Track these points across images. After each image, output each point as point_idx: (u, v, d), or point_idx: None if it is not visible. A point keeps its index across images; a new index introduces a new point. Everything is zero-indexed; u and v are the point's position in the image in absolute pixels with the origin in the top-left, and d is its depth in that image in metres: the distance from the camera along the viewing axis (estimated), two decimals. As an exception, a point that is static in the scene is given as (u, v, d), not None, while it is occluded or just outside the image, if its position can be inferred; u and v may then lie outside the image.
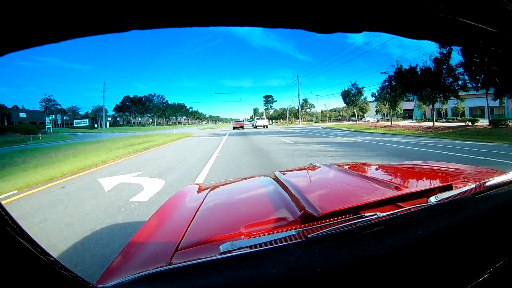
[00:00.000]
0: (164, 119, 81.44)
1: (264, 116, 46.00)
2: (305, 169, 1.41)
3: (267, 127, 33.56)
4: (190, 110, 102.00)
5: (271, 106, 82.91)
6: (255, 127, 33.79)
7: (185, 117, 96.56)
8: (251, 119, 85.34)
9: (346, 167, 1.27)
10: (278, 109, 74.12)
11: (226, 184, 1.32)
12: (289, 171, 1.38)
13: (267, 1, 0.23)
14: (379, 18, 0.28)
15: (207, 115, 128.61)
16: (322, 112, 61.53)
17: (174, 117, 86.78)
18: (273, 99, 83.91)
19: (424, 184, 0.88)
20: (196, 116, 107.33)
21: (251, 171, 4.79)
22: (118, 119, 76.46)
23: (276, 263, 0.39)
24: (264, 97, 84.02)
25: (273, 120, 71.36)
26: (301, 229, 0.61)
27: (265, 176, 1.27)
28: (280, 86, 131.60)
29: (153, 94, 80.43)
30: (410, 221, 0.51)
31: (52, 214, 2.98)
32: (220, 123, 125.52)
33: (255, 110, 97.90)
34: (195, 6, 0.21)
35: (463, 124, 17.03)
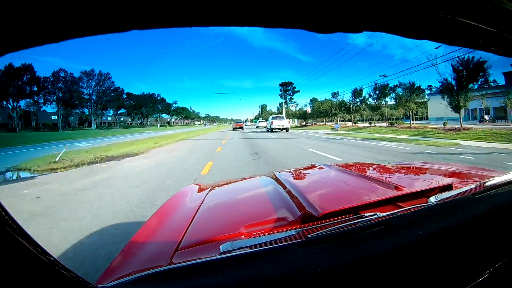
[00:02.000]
0: (112, 116, 53.12)
1: (283, 115, 29.91)
2: (305, 169, 1.41)
3: (287, 130, 22.37)
4: (174, 106, 73.10)
5: (290, 99, 55.69)
6: (271, 130, 22.29)
7: (165, 115, 69.00)
8: (256, 119, 62.93)
9: (346, 167, 1.27)
10: (323, 100, 40.28)
11: (226, 184, 1.32)
12: (289, 171, 1.38)
13: (267, 1, 0.23)
14: (379, 18, 0.28)
15: (201, 114, 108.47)
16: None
17: (140, 115, 56.86)
18: (294, 87, 55.98)
19: (424, 184, 0.88)
20: (184, 114, 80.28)
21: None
22: (110, 118, 52.57)
23: (276, 263, 0.39)
24: (280, 85, 56.72)
25: (295, 120, 46.12)
26: (301, 229, 0.61)
27: (265, 176, 1.27)
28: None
29: (89, 71, 48.12)
30: (410, 221, 0.51)
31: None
32: (217, 124, 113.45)
33: (263, 107, 74.21)
34: (195, 6, 0.21)
35: None
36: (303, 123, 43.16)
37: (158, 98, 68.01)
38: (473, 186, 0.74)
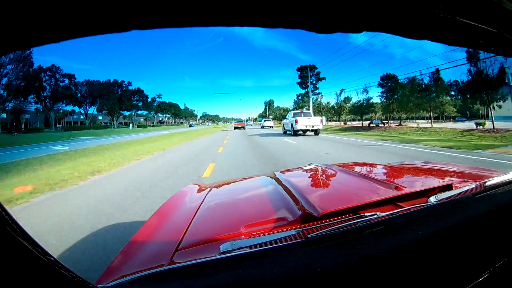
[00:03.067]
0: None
1: (310, 111, 18.67)
2: (305, 169, 1.41)
3: (317, 132, 14.72)
4: (158, 101, 54.86)
5: (314, 89, 36.18)
6: (295, 133, 14.72)
7: (148, 112, 51.20)
8: (260, 118, 55.89)
9: (346, 167, 1.27)
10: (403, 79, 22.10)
11: (226, 184, 1.32)
12: (289, 171, 1.38)
13: (267, 1, 0.23)
14: (379, 18, 0.28)
15: (197, 112, 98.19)
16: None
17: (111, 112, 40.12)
18: (318, 73, 37.91)
19: (424, 184, 0.88)
20: (172, 112, 63.36)
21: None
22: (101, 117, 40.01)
23: (276, 263, 0.39)
24: (298, 69, 38.47)
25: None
26: (301, 229, 0.61)
27: (265, 176, 1.27)
28: (282, 86, 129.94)
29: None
30: (410, 221, 0.51)
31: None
32: (212, 124, 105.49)
33: (269, 104, 60.50)
34: (196, 6, 0.21)
35: None
36: (370, 124, 24.85)
37: (128, 87, 45.82)
38: (473, 186, 0.74)
